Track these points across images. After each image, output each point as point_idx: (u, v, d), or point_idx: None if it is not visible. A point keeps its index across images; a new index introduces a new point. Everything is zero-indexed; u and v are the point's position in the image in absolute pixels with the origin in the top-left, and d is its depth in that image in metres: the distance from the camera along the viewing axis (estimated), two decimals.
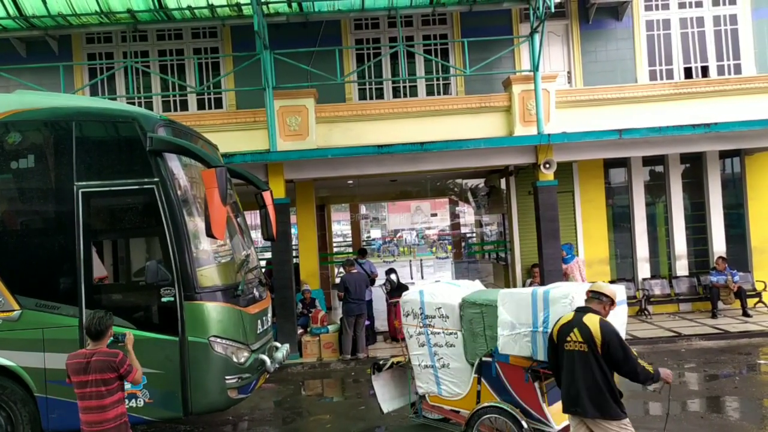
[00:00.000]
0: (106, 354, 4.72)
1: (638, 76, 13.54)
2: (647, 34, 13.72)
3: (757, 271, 13.45)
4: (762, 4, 13.60)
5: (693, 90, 12.53)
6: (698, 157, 13.69)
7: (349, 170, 11.89)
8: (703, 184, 13.80)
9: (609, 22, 13.67)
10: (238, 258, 7.44)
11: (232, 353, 6.48)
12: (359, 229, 25.34)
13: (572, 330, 4.68)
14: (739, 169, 13.86)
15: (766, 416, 7.76)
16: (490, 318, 5.74)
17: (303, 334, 11.79)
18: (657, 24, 13.74)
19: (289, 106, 11.85)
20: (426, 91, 13.78)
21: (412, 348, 6.41)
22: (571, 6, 13.62)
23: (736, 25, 13.70)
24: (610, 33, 13.68)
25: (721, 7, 13.71)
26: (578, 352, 4.64)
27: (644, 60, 13.65)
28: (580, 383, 4.63)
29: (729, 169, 14.00)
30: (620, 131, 11.11)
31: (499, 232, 15.96)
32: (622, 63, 13.60)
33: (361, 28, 13.83)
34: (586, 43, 13.67)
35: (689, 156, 13.59)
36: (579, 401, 4.65)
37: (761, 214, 13.65)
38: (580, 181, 13.67)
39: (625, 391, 8.02)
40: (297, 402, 9.43)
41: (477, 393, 5.93)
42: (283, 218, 11.35)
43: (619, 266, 13.87)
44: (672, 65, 13.71)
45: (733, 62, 13.69)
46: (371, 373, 6.91)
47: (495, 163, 12.37)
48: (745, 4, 13.64)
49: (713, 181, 13.69)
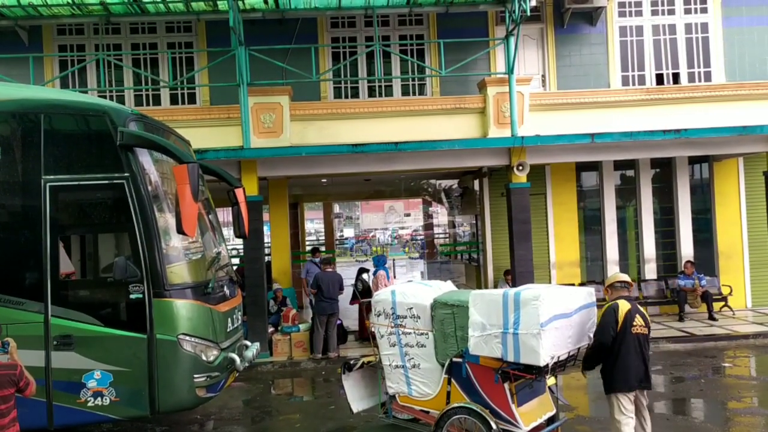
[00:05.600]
0: (5, 367, 4.44)
1: (611, 82, 13.72)
2: (620, 40, 13.91)
3: (723, 276, 13.72)
4: (732, 14, 13.89)
5: (664, 96, 12.74)
6: (668, 163, 13.93)
7: (324, 169, 11.85)
8: (672, 189, 14.04)
9: (583, 27, 13.83)
10: (209, 255, 7.36)
11: (201, 351, 6.40)
12: (332, 227, 25.26)
13: (635, 316, 5.53)
14: (708, 175, 14.13)
15: (729, 418, 7.91)
16: (462, 319, 5.76)
17: (274, 332, 11.71)
18: (630, 30, 13.94)
19: (264, 103, 11.76)
20: (401, 91, 13.80)
21: (383, 348, 6.40)
22: (547, 10, 13.75)
23: (707, 33, 13.96)
24: (585, 38, 13.85)
25: (693, 15, 13.96)
26: (643, 335, 5.55)
27: (617, 65, 13.85)
28: (648, 362, 5.60)
29: (698, 175, 14.26)
30: (592, 135, 11.24)
31: (471, 233, 16.05)
32: (595, 68, 13.77)
33: (338, 27, 13.79)
34: (560, 48, 13.82)
35: (659, 161, 13.82)
36: (648, 377, 5.60)
37: (728, 219, 13.93)
38: (552, 183, 13.81)
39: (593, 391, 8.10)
40: (266, 401, 9.37)
41: (447, 393, 5.94)
42: (255, 216, 11.25)
43: (590, 269, 14.04)
44: (644, 71, 13.92)
45: (703, 70, 13.95)
46: (341, 373, 6.88)
47: (469, 165, 12.43)
48: (716, 12, 13.91)
49: (682, 187, 13.94)
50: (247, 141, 11.48)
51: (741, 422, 7.71)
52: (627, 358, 5.49)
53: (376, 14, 12.44)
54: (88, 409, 6.19)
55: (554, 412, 6.18)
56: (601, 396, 8.60)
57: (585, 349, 5.81)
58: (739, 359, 10.60)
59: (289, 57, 12.57)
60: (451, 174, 15.50)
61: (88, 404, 6.18)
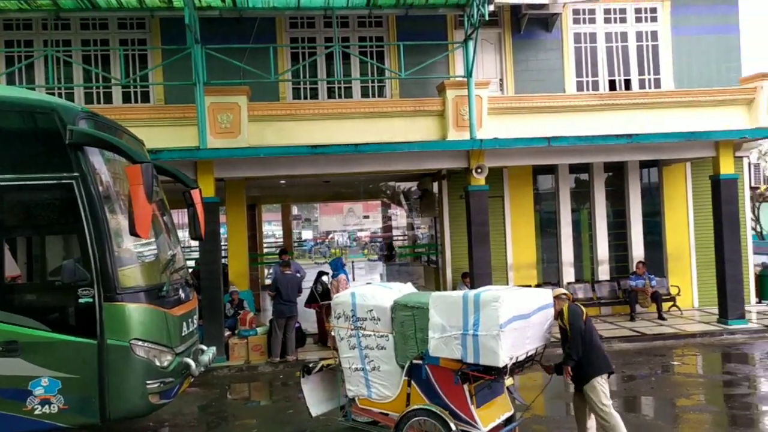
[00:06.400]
0: None
1: (566, 86, 13.98)
2: (575, 46, 14.20)
3: (672, 277, 14.12)
4: (681, 23, 14.31)
5: (617, 102, 13.04)
6: (620, 167, 14.26)
7: (282, 170, 11.73)
8: (624, 193, 14.38)
9: (540, 33, 14.06)
10: (163, 258, 7.19)
11: (155, 357, 6.24)
12: (291, 229, 25.05)
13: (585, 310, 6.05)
14: (657, 179, 14.52)
15: (678, 415, 8.13)
16: (422, 321, 5.77)
17: (230, 336, 11.53)
18: (584, 37, 14.24)
19: (221, 103, 11.59)
20: (361, 93, 13.78)
21: (342, 350, 6.36)
22: (504, 15, 13.94)
23: (656, 42, 14.36)
24: (541, 43, 14.08)
25: (644, 24, 14.34)
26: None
27: (572, 71, 14.12)
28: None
29: (648, 179, 14.63)
30: (549, 139, 11.42)
31: (430, 235, 16.12)
32: (551, 73, 14.01)
33: (297, 27, 13.69)
34: (517, 52, 14.02)
35: (612, 165, 14.13)
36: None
37: (676, 222, 14.34)
38: (510, 186, 13.99)
39: (548, 391, 8.19)
40: (222, 406, 9.20)
41: (407, 395, 5.94)
42: (211, 217, 11.09)
43: (545, 270, 14.26)
44: (598, 77, 14.24)
45: (653, 76, 14.34)
46: (300, 376, 6.81)
47: (428, 167, 12.48)
48: (665, 21, 14.32)
49: (634, 190, 14.29)
50: (204, 141, 11.28)
51: (690, 419, 7.92)
52: (598, 342, 6.01)
53: (335, 15, 12.41)
54: (34, 417, 5.97)
55: (512, 412, 6.24)
56: (558, 395, 8.76)
57: (542, 349, 5.89)
58: (687, 357, 10.90)
59: (247, 57, 12.40)
60: (411, 176, 15.55)
61: (34, 412, 5.96)
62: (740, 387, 9.07)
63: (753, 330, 12.03)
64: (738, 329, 11.96)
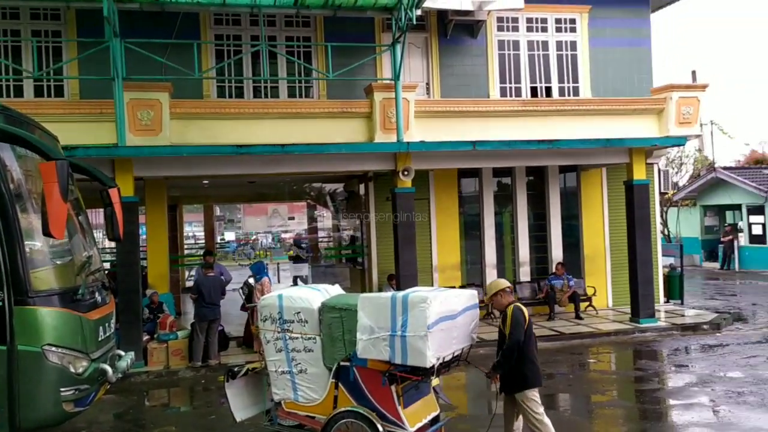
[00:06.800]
0: None
1: (490, 92, 14.33)
2: (499, 53, 14.57)
3: (588, 278, 14.71)
4: (598, 34, 14.95)
5: (538, 108, 13.48)
6: (541, 171, 14.74)
7: (206, 170, 11.45)
8: (545, 196, 14.87)
9: (465, 39, 14.34)
10: (79, 259, 6.85)
11: (69, 363, 5.94)
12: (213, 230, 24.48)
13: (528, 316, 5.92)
14: (575, 183, 15.10)
15: (593, 410, 8.50)
16: (350, 322, 5.75)
17: (149, 340, 11.15)
18: (508, 44, 14.64)
19: (141, 100, 11.21)
20: (288, 93, 13.64)
21: (269, 353, 6.26)
22: (431, 20, 14.14)
23: (575, 51, 14.94)
24: (466, 49, 14.36)
25: (563, 34, 14.90)
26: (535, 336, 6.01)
27: (496, 77, 14.49)
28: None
29: (567, 183, 15.19)
30: (474, 143, 11.66)
31: (356, 237, 16.13)
32: (476, 78, 14.32)
33: (222, 24, 13.40)
34: (444, 57, 14.25)
35: (534, 169, 14.59)
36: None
37: (593, 225, 14.96)
38: (435, 189, 14.19)
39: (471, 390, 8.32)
40: (140, 413, 8.90)
41: (334, 398, 5.91)
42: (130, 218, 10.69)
43: (469, 272, 14.55)
44: (520, 84, 14.67)
45: (572, 85, 14.91)
46: (224, 380, 6.66)
47: (355, 169, 12.49)
48: (583, 32, 14.92)
49: (553, 194, 14.80)
50: (122, 138, 10.87)
51: (605, 414, 8.28)
52: (534, 354, 5.89)
53: (262, 13, 12.23)
54: None
55: (438, 412, 6.31)
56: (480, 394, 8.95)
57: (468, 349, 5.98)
58: (602, 355, 11.38)
59: (169, 52, 12.03)
60: (337, 178, 15.51)
61: None
62: (651, 382, 9.54)
63: (662, 328, 12.70)
64: (649, 327, 12.59)
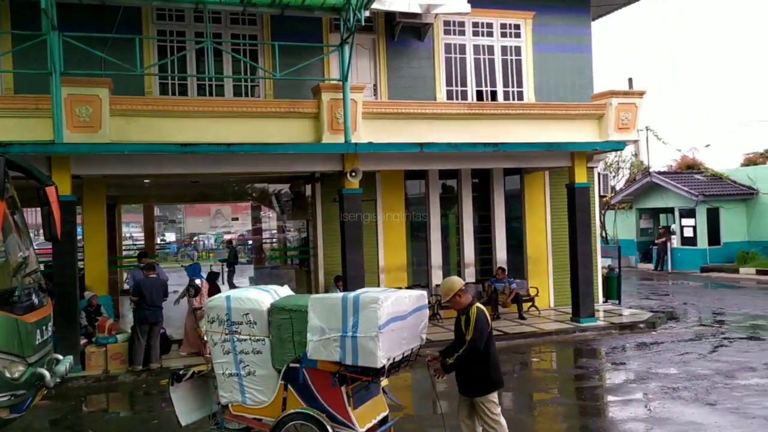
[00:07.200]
0: None
1: (437, 95, 14.47)
2: (446, 56, 14.73)
3: (531, 279, 15.03)
4: (541, 40, 15.30)
5: (484, 111, 13.67)
6: (486, 174, 14.97)
7: (148, 168, 11.14)
8: (489, 199, 15.11)
9: (413, 41, 14.44)
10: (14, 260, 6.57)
11: (5, 367, 5.70)
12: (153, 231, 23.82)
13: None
14: (519, 186, 15.40)
15: (535, 407, 8.74)
16: (300, 323, 5.70)
17: (87, 344, 10.78)
18: (454, 48, 14.82)
19: (80, 95, 10.82)
20: (233, 92, 13.42)
21: (216, 356, 6.13)
22: (379, 22, 14.17)
23: (520, 56, 15.25)
24: (414, 52, 14.46)
25: (508, 39, 15.18)
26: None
27: (443, 80, 14.64)
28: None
29: (511, 186, 15.47)
30: (421, 145, 11.74)
31: (302, 238, 16.00)
32: (423, 81, 14.43)
33: (165, 19, 13.09)
34: (391, 59, 14.31)
35: (479, 172, 14.81)
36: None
37: (535, 227, 15.30)
38: (382, 190, 14.22)
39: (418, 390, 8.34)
40: (78, 420, 8.60)
41: (283, 400, 5.84)
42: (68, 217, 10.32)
43: (415, 273, 14.64)
44: (466, 87, 14.87)
45: (516, 89, 15.21)
46: (169, 384, 6.48)
47: (303, 169, 12.40)
48: (527, 38, 15.24)
49: (498, 197, 15.06)
50: (60, 135, 10.47)
51: (548, 412, 8.49)
52: (496, 357, 5.78)
53: (207, 10, 11.97)
54: None
55: (387, 413, 6.31)
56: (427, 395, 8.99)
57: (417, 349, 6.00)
58: (544, 354, 11.66)
59: (109, 47, 11.66)
60: (283, 178, 15.36)
61: None
62: (591, 380, 9.83)
63: (601, 327, 13.09)
64: (589, 327, 12.96)
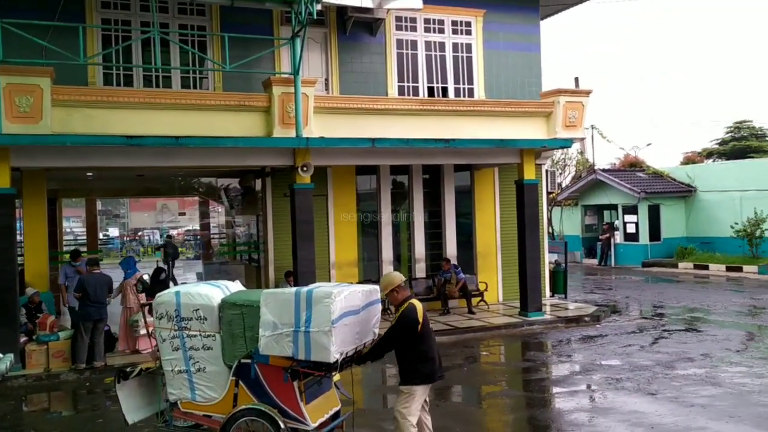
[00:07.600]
0: None
1: (389, 90, 14.50)
2: (398, 52, 14.77)
3: (480, 274, 15.26)
4: (492, 38, 15.50)
5: (435, 108, 13.74)
6: (437, 170, 15.10)
7: (92, 161, 10.82)
8: (440, 195, 15.26)
9: (364, 36, 14.42)
10: None
11: None
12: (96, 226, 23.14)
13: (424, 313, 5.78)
14: (469, 182, 15.59)
15: (484, 399, 8.93)
16: (251, 319, 5.63)
17: (27, 342, 10.43)
18: (406, 44, 14.87)
19: (19, 84, 10.36)
20: (181, 84, 13.14)
21: (164, 352, 6.00)
22: (331, 16, 14.09)
23: (471, 54, 15.40)
24: (365, 47, 14.45)
25: (459, 36, 15.32)
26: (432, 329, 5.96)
27: (394, 75, 14.68)
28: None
29: (461, 182, 15.64)
30: (373, 140, 11.76)
31: (251, 234, 15.82)
32: (375, 76, 14.44)
33: (109, 8, 12.70)
34: (343, 54, 14.26)
35: (430, 168, 14.92)
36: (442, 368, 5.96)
37: (485, 223, 15.53)
38: (333, 186, 14.20)
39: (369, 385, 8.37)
40: (18, 419, 8.32)
41: (234, 396, 5.76)
42: (7, 211, 9.97)
43: (366, 268, 14.66)
44: (418, 83, 14.93)
45: (467, 86, 15.37)
46: (115, 382, 6.32)
47: (253, 163, 12.24)
48: (478, 35, 15.42)
49: (449, 192, 15.22)
50: None
51: (496, 404, 8.68)
52: (431, 352, 5.77)
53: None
54: None
55: (339, 407, 6.31)
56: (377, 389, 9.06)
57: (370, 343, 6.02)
58: (492, 348, 11.86)
59: (51, 35, 11.22)
60: (233, 173, 15.13)
61: None
62: (538, 372, 10.06)
63: (548, 321, 13.41)
64: (536, 320, 13.25)
